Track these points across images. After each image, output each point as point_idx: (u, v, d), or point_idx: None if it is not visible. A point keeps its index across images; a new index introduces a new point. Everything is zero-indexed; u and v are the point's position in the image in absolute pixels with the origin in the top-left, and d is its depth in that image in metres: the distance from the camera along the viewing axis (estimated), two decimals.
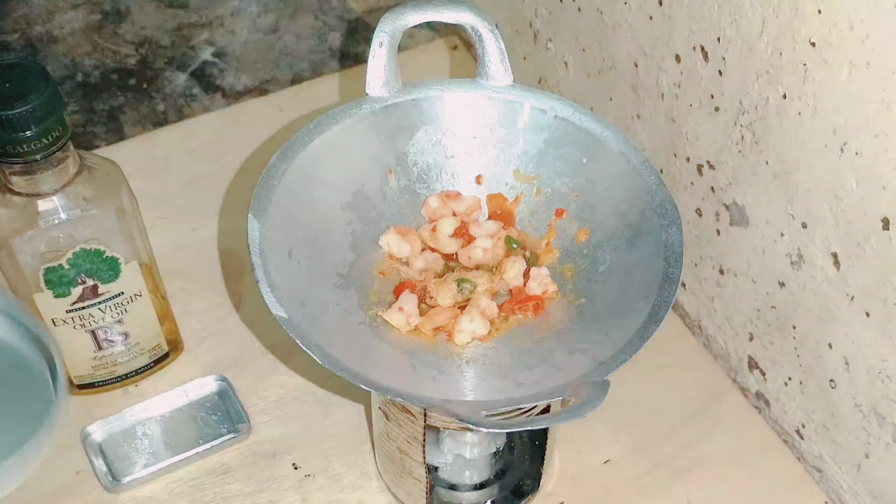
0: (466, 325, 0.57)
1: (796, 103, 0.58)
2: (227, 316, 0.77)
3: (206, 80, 0.97)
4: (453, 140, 0.63)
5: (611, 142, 0.60)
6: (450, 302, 0.58)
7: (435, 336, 0.57)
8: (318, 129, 0.60)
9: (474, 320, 0.57)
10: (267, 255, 0.54)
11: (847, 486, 0.66)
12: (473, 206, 0.63)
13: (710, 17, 0.63)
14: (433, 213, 0.62)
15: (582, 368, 0.52)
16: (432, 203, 0.62)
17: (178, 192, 0.84)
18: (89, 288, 0.64)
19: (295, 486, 0.68)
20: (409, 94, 0.62)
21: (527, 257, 0.61)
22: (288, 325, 0.52)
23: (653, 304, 0.54)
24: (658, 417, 0.71)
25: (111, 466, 0.68)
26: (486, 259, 0.61)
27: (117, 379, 0.71)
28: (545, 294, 0.59)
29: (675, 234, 0.56)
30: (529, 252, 0.61)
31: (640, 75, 0.72)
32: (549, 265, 0.61)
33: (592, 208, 0.60)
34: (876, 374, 0.60)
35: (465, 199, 0.63)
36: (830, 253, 0.60)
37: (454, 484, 0.66)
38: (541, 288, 0.59)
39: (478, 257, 0.61)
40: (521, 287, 0.59)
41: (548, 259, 0.61)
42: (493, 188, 0.63)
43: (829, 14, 0.53)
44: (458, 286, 0.58)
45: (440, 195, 0.62)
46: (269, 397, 0.72)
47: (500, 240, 0.61)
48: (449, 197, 0.62)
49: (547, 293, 0.59)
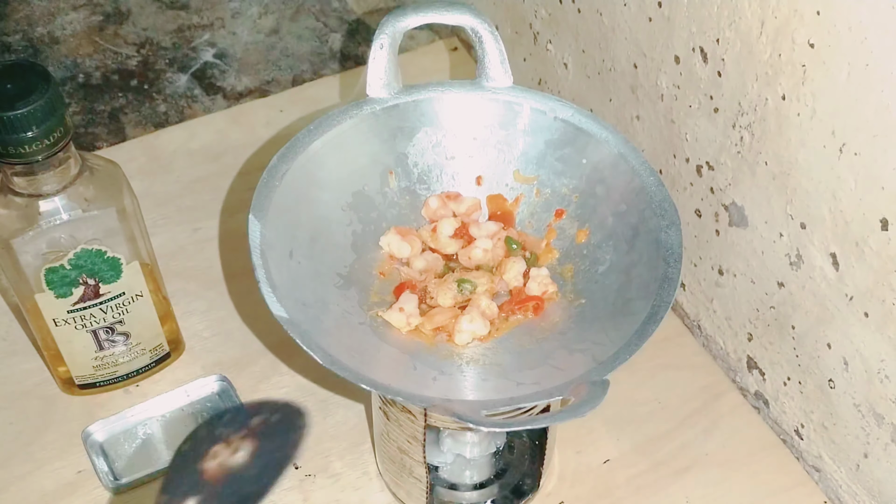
0: (467, 325, 0.57)
1: (795, 104, 0.58)
2: (228, 316, 0.77)
3: (207, 82, 0.98)
4: (453, 141, 0.63)
5: (610, 143, 0.60)
6: (450, 302, 0.58)
7: (435, 336, 0.58)
8: (318, 130, 0.60)
9: (474, 321, 0.57)
10: (268, 255, 0.54)
11: (846, 485, 0.67)
12: (473, 207, 0.63)
13: (709, 19, 0.63)
14: (433, 214, 0.62)
15: (581, 368, 0.53)
16: (433, 204, 0.62)
17: (179, 192, 0.85)
18: (90, 288, 0.64)
19: (295, 486, 0.68)
20: (410, 95, 0.62)
21: (527, 258, 0.61)
22: (289, 325, 0.52)
23: (652, 304, 0.54)
24: (657, 417, 0.71)
25: (112, 466, 0.68)
26: (487, 259, 0.61)
27: (118, 379, 0.71)
28: (545, 294, 0.59)
29: (674, 235, 0.56)
30: (529, 252, 0.61)
31: (639, 76, 0.72)
32: (549, 265, 0.61)
33: (592, 209, 0.60)
34: (875, 374, 0.60)
35: (465, 199, 0.63)
36: (829, 253, 0.60)
37: (454, 484, 0.66)
38: (540, 288, 0.59)
39: (478, 258, 0.61)
40: (520, 287, 0.59)
41: (548, 259, 0.61)
42: (493, 189, 0.63)
43: (827, 15, 0.54)
44: (458, 286, 0.58)
45: (440, 196, 0.63)
46: (269, 397, 0.72)
47: (500, 240, 0.61)
48: (449, 198, 0.63)
49: (547, 293, 0.59)
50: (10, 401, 0.72)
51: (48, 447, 0.69)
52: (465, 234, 0.62)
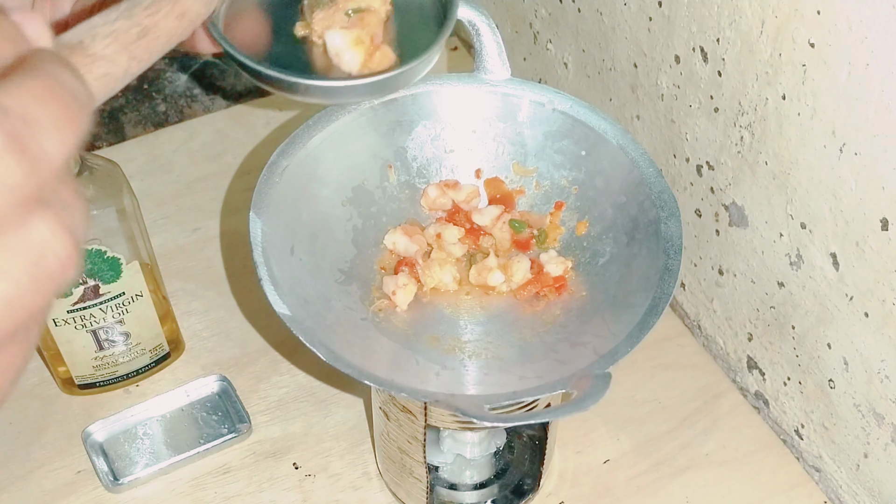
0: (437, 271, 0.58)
1: (795, 104, 0.58)
2: (228, 316, 0.77)
3: (207, 81, 0.97)
4: (452, 134, 0.63)
5: (609, 134, 0.60)
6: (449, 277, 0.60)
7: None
8: (317, 125, 0.60)
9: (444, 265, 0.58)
10: (269, 252, 0.54)
11: (846, 485, 0.67)
12: (472, 195, 0.63)
13: (709, 18, 0.63)
14: (433, 204, 0.62)
15: (584, 361, 0.53)
16: (431, 193, 0.62)
17: (178, 192, 0.85)
18: (90, 288, 0.64)
19: (295, 485, 0.68)
20: (408, 89, 0.62)
21: (535, 235, 0.61)
22: (291, 322, 0.52)
23: (653, 296, 0.54)
24: (657, 417, 0.71)
25: (112, 466, 0.68)
26: (492, 227, 0.62)
27: (118, 379, 0.71)
28: (566, 272, 0.59)
29: (674, 226, 0.56)
30: (537, 230, 0.61)
31: (639, 76, 0.72)
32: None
33: (592, 201, 0.60)
34: (875, 373, 0.60)
35: (464, 187, 0.63)
36: (829, 253, 0.60)
37: (454, 484, 0.66)
38: (559, 268, 0.59)
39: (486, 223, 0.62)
40: (537, 274, 0.60)
41: (556, 235, 0.61)
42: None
43: (828, 15, 0.54)
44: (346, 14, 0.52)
45: (439, 185, 0.62)
46: (269, 397, 0.72)
47: (505, 223, 0.61)
48: (448, 186, 0.62)
49: (566, 270, 0.59)
50: (10, 401, 0.71)
51: (48, 447, 0.69)
52: (470, 236, 0.62)
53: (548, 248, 0.61)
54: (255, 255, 0.54)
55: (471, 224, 0.62)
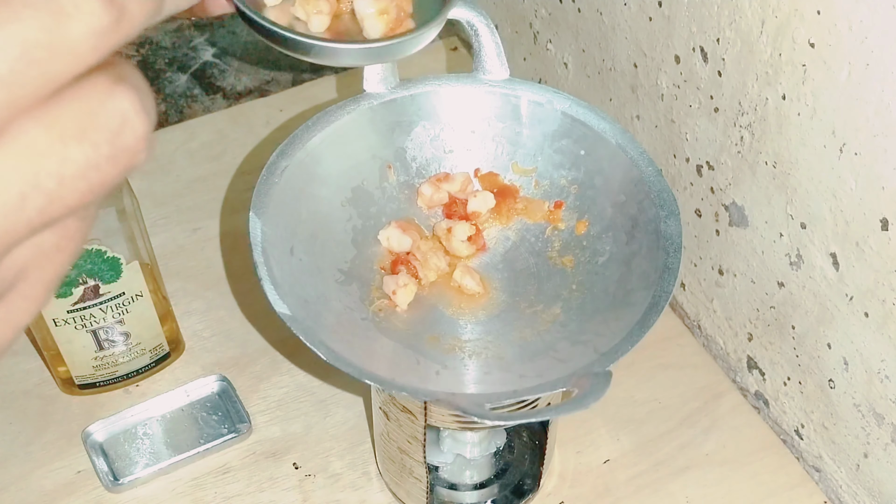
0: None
1: (795, 104, 0.58)
2: (228, 316, 0.77)
3: (207, 81, 0.97)
4: (451, 134, 0.63)
5: (608, 134, 0.60)
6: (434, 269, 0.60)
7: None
8: (316, 125, 0.60)
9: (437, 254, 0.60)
10: (269, 252, 0.54)
11: (846, 485, 0.67)
12: (465, 182, 0.63)
13: (709, 18, 0.63)
14: (429, 201, 0.62)
15: (584, 359, 0.53)
16: (426, 191, 0.62)
17: (178, 192, 0.85)
18: (90, 288, 0.64)
19: (295, 485, 0.68)
20: (407, 89, 0.62)
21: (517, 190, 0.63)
22: (292, 322, 0.52)
23: (653, 294, 0.54)
24: (657, 417, 0.71)
25: (112, 466, 0.68)
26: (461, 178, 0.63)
27: (118, 379, 0.71)
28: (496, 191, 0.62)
29: (673, 225, 0.56)
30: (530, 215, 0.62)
31: (639, 76, 0.72)
32: (550, 257, 0.61)
33: (591, 200, 0.60)
34: (875, 374, 0.60)
35: (455, 177, 0.63)
36: (829, 253, 0.60)
37: (454, 484, 0.66)
38: (481, 203, 0.61)
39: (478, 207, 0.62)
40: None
41: (542, 215, 0.62)
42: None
43: (828, 15, 0.54)
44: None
45: (431, 181, 0.62)
46: (269, 397, 0.72)
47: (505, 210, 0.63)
48: (440, 180, 0.62)
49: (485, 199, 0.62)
50: (10, 401, 0.72)
51: (48, 447, 0.69)
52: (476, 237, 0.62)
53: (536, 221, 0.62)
54: (255, 255, 0.54)
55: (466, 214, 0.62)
